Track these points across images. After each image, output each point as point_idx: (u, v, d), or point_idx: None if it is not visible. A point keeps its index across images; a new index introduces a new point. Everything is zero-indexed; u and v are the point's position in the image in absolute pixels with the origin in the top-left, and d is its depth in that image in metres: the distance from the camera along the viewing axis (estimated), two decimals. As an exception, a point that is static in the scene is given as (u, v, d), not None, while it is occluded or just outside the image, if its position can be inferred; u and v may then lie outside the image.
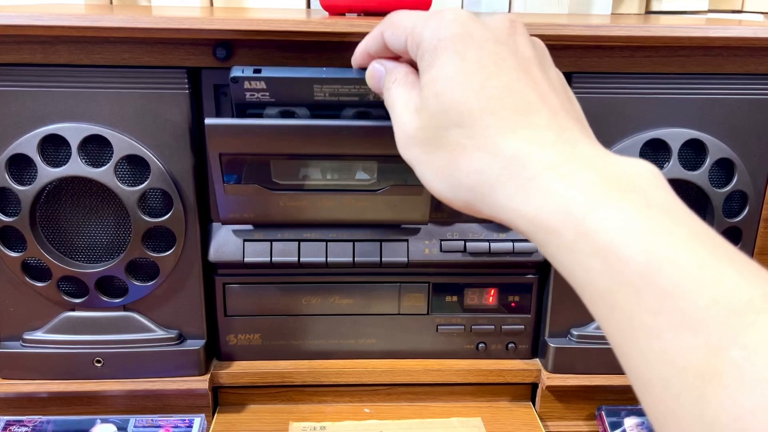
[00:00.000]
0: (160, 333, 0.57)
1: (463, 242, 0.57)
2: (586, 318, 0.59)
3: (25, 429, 0.57)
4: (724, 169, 0.55)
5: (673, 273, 0.25)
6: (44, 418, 0.57)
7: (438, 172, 0.34)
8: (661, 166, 0.54)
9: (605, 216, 0.27)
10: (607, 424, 0.59)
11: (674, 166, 0.53)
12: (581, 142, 0.31)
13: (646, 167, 0.30)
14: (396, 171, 0.52)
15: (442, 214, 0.57)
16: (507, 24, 0.35)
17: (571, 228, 0.28)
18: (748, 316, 0.23)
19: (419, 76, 0.36)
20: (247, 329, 0.59)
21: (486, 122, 0.32)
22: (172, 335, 0.57)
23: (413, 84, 0.37)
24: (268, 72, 0.45)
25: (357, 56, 0.42)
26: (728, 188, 0.54)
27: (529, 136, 0.31)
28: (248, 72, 0.45)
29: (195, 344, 0.57)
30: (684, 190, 0.56)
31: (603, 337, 0.58)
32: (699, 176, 0.54)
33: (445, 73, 0.33)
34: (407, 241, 0.57)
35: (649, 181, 0.29)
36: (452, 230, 0.57)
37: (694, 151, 0.54)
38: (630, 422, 0.59)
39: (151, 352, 0.57)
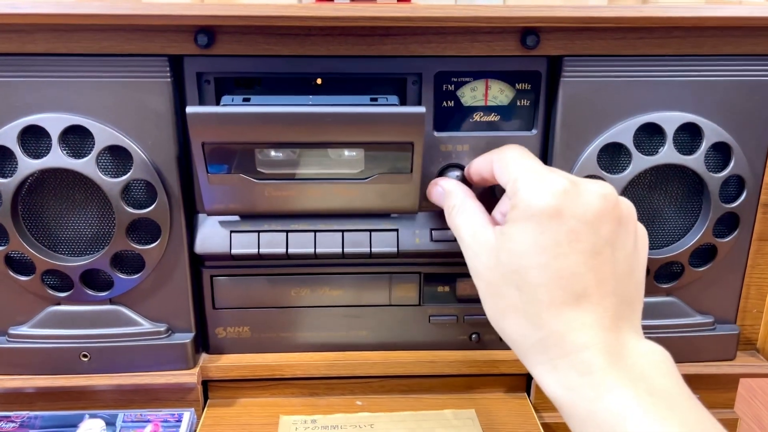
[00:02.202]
0: (147, 326, 0.56)
1: (454, 231, 0.56)
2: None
3: (13, 425, 0.56)
4: (720, 153, 0.54)
5: None
6: (32, 413, 0.57)
7: (490, 312, 0.41)
8: (655, 151, 0.52)
9: (611, 401, 0.33)
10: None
11: (669, 151, 0.52)
12: (613, 328, 0.36)
13: (658, 354, 0.36)
14: (383, 159, 0.51)
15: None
16: (598, 202, 0.37)
17: (583, 407, 0.34)
18: None
19: (506, 214, 0.40)
20: (236, 322, 0.59)
21: (541, 296, 0.36)
22: (160, 329, 0.56)
23: (474, 213, 0.44)
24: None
25: (471, 171, 0.51)
26: (725, 173, 0.53)
27: (572, 318, 0.36)
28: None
29: (183, 338, 0.56)
30: (679, 175, 0.55)
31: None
32: (694, 161, 0.52)
33: (524, 239, 0.37)
34: (397, 230, 0.56)
35: (658, 367, 0.35)
36: (443, 219, 0.56)
37: (689, 135, 0.53)
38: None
39: (139, 346, 0.56)
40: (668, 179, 0.55)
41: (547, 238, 0.36)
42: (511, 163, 0.42)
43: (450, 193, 0.48)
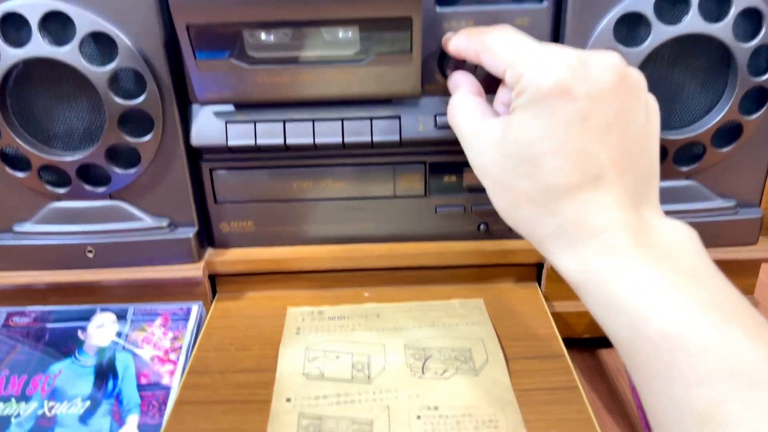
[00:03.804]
0: (149, 222, 0.56)
1: (459, 116, 0.53)
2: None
3: (27, 319, 0.57)
4: (750, 20, 0.49)
5: (687, 334, 0.29)
6: (45, 308, 0.58)
7: (501, 206, 0.38)
8: (678, 20, 0.48)
9: (634, 280, 0.32)
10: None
11: (693, 19, 0.47)
12: (633, 206, 0.34)
13: (684, 232, 0.34)
14: (380, 38, 0.47)
15: (436, 85, 0.52)
16: (607, 75, 0.34)
17: (604, 287, 0.33)
18: (749, 375, 0.27)
19: (508, 105, 0.38)
20: (239, 216, 0.58)
21: (555, 181, 0.34)
22: (162, 224, 0.56)
23: (473, 108, 0.41)
24: None
25: (450, 50, 0.45)
26: (754, 42, 0.48)
27: (588, 200, 0.34)
28: None
29: (186, 232, 0.56)
30: (703, 46, 0.50)
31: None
32: (721, 30, 0.48)
33: (533, 125, 0.35)
34: (399, 117, 0.53)
35: (683, 246, 0.34)
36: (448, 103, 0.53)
37: (716, 1, 0.48)
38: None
39: (142, 242, 0.56)
40: (691, 51, 0.51)
41: (557, 121, 0.34)
42: (503, 48, 0.38)
43: (452, 88, 0.45)
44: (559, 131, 0.34)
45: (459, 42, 0.44)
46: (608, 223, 0.34)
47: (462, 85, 0.45)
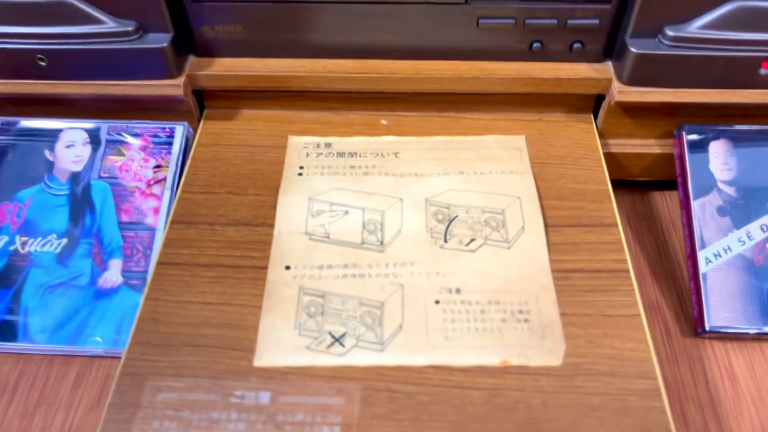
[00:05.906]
0: (111, 25, 0.44)
1: None
2: (691, 11, 0.42)
3: (-15, 133, 0.49)
4: None
5: None
6: (5, 118, 0.49)
7: None
8: None
9: None
10: (686, 146, 0.47)
11: None
12: None
13: None
14: None
15: None
16: None
17: None
18: None
19: None
20: (224, 19, 0.45)
21: None
22: (128, 28, 0.44)
23: None
24: None
25: None
26: None
27: None
28: None
29: (159, 40, 0.44)
30: None
31: (708, 41, 0.42)
32: None
33: None
34: None
35: None
36: None
37: None
38: (717, 148, 0.46)
39: (105, 50, 0.44)
40: None
41: None
42: None
43: None
44: None
45: None
46: None
47: None
